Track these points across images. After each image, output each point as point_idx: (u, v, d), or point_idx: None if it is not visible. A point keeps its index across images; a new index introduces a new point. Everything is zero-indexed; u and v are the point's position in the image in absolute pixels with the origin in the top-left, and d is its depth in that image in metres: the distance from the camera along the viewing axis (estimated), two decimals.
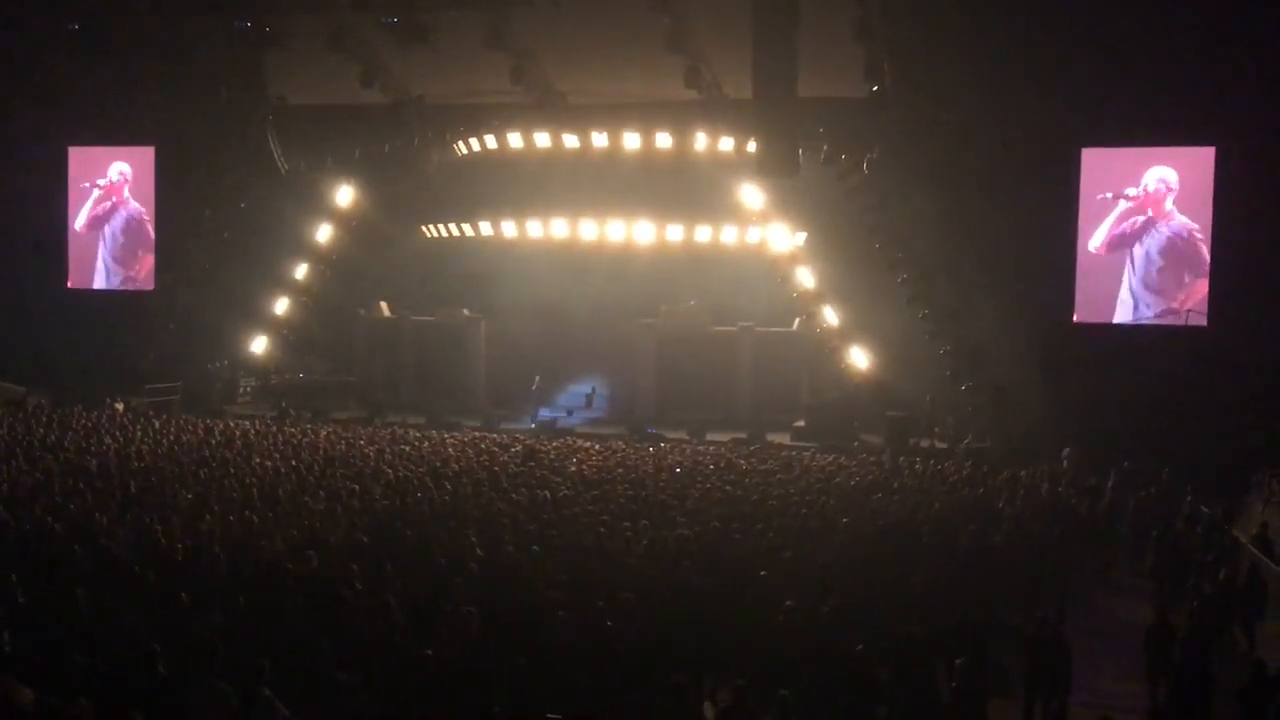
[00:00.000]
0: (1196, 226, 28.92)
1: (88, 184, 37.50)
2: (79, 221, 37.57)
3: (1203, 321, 28.59)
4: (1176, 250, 29.15)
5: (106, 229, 37.52)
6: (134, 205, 37.17)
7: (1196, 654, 10.94)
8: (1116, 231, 29.47)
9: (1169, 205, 29.10)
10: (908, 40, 26.58)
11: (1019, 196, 27.89)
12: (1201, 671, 10.69)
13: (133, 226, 37.24)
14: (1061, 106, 27.48)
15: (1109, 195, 29.40)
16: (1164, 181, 29.07)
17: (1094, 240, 29.61)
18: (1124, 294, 29.49)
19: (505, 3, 27.06)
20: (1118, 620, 14.43)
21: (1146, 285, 29.34)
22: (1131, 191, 29.30)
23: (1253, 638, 13.60)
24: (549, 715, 8.99)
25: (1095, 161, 29.53)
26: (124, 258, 37.39)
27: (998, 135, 27.80)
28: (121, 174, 37.23)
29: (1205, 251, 28.80)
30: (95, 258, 37.63)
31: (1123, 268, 29.46)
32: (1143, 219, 29.31)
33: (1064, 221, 29.25)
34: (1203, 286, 28.92)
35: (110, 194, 37.35)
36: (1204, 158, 28.72)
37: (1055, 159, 28.64)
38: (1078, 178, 29.35)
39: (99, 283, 37.57)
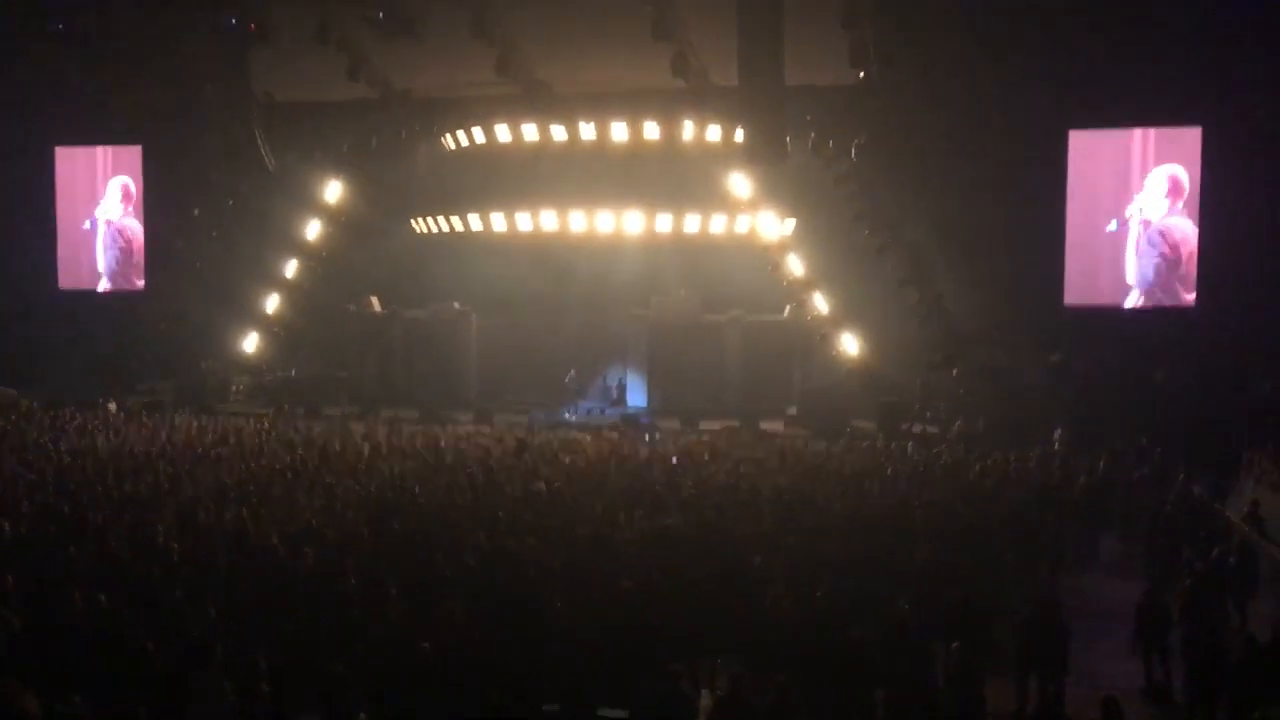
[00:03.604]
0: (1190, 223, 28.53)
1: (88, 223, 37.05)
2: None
3: None
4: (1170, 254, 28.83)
5: (103, 239, 37.12)
6: (129, 217, 36.82)
7: (1191, 631, 11.03)
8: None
9: (1167, 203, 28.67)
10: (894, 26, 26.56)
11: (1007, 180, 27.87)
12: (1196, 648, 10.77)
13: (126, 235, 36.87)
14: (1048, 89, 27.44)
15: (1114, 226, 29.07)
16: (1171, 180, 28.60)
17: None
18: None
19: None
20: (1110, 600, 14.50)
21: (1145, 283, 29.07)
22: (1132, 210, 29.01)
23: (1245, 614, 13.71)
24: (546, 706, 9.04)
25: (1082, 144, 29.52)
26: (116, 266, 37.06)
27: (984, 119, 27.79)
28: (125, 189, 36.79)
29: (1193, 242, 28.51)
30: (90, 261, 37.21)
31: (1120, 250, 29.17)
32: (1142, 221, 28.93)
33: (1053, 204, 29.19)
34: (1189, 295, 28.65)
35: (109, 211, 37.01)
36: (1193, 140, 28.67)
37: (1043, 142, 28.63)
38: (1065, 160, 29.36)
39: (91, 285, 37.18)
